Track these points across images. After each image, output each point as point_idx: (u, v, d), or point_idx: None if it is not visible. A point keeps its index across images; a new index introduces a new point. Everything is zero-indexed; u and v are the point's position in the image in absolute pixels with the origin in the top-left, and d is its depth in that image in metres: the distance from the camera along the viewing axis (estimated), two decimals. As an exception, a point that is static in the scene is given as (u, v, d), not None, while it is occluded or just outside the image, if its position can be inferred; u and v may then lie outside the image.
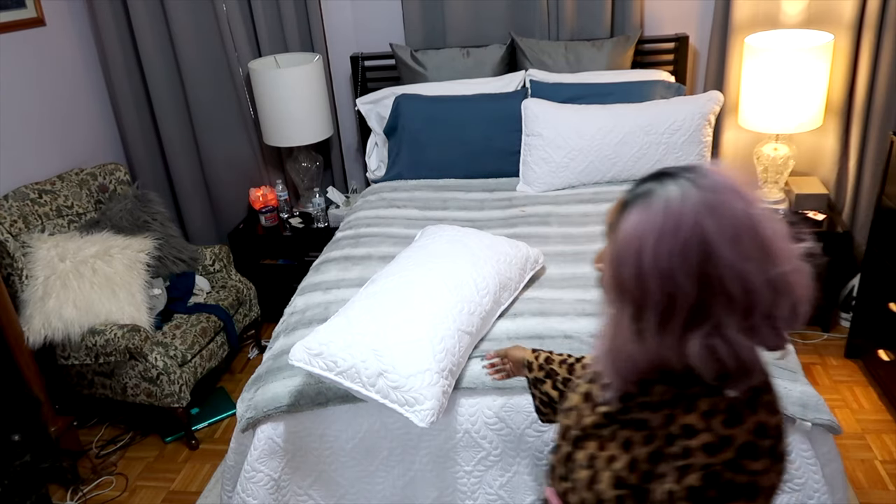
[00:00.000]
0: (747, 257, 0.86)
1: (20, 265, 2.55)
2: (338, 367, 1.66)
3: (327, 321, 1.80)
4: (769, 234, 0.88)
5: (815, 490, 1.69)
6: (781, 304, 0.89)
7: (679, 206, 0.86)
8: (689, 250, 0.85)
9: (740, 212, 0.86)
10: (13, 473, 2.22)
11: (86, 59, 3.30)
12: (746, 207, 0.87)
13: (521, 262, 2.08)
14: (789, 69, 2.72)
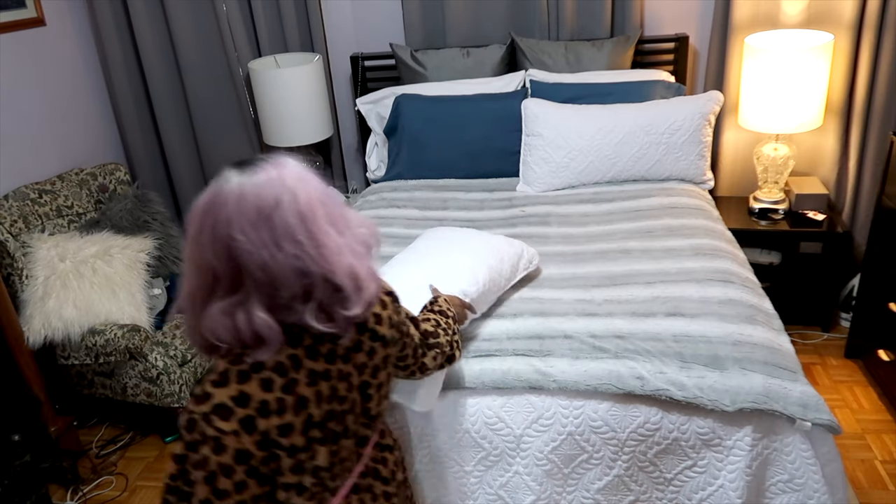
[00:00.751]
0: (264, 244, 0.99)
1: (20, 265, 2.55)
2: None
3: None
4: (296, 225, 1.00)
5: (815, 490, 1.69)
6: (319, 290, 1.03)
7: (219, 195, 1.01)
8: (217, 234, 1.00)
9: (266, 204, 1.00)
10: (13, 473, 2.22)
11: (86, 59, 3.30)
12: (279, 201, 1.00)
13: (513, 259, 2.06)
14: (789, 69, 2.72)
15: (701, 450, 1.71)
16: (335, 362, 1.13)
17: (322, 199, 1.07)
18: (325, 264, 1.03)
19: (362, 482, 1.26)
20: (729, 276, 2.08)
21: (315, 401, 1.10)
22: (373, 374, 1.20)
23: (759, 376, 1.69)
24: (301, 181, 1.05)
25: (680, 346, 1.79)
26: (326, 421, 1.13)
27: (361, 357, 1.17)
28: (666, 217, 2.49)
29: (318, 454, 1.12)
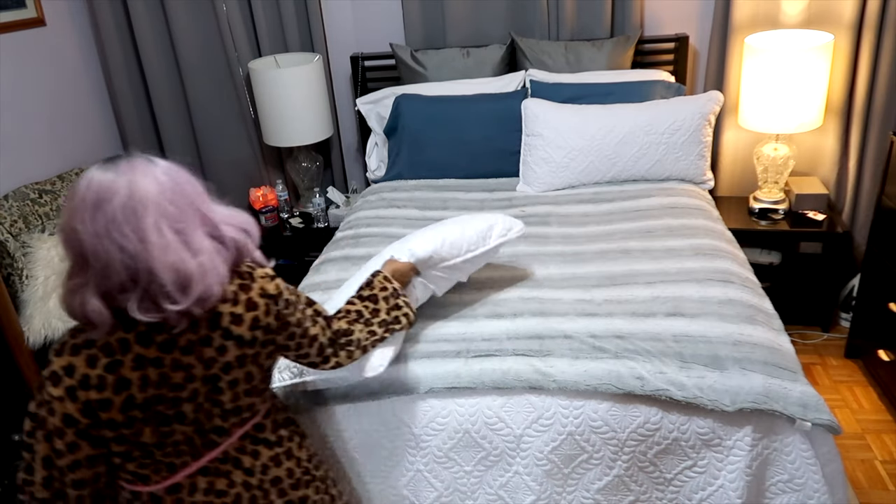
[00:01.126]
0: (97, 234, 1.12)
1: (20, 265, 2.55)
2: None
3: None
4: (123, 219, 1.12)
5: (815, 490, 1.69)
6: (143, 282, 1.13)
7: (75, 187, 1.14)
8: (67, 222, 1.15)
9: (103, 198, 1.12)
10: (13, 473, 2.22)
11: (86, 59, 3.30)
12: (114, 195, 1.12)
13: (481, 227, 1.94)
14: (789, 69, 2.72)
15: (701, 450, 1.71)
16: (172, 352, 1.21)
17: (166, 198, 1.15)
18: (147, 259, 1.13)
19: (221, 467, 1.33)
20: (729, 276, 2.08)
21: (139, 384, 1.19)
22: (224, 369, 1.25)
23: (759, 376, 1.69)
24: (147, 178, 1.15)
25: (680, 346, 1.79)
26: (153, 404, 1.21)
27: (210, 352, 1.23)
28: (666, 217, 2.49)
29: (143, 433, 1.22)
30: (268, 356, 1.33)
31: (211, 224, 1.22)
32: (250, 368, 1.29)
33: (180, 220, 1.16)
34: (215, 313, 1.23)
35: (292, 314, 1.36)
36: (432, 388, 1.74)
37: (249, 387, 1.31)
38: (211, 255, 1.19)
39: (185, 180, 1.20)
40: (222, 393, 1.27)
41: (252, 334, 1.27)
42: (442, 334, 1.92)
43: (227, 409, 1.29)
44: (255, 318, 1.28)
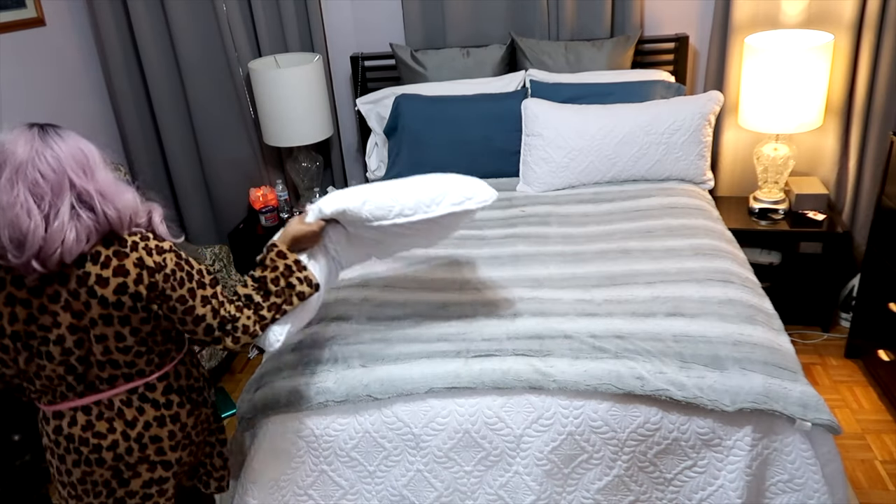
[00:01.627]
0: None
1: (20, 265, 2.55)
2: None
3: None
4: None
5: (815, 490, 1.69)
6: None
7: None
8: None
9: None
10: (13, 473, 2.22)
11: (86, 59, 3.30)
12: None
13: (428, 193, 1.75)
14: (789, 69, 2.72)
15: (701, 450, 1.71)
16: (40, 297, 1.37)
17: (34, 165, 1.30)
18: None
19: (105, 412, 1.46)
20: (729, 276, 2.09)
21: (8, 318, 1.38)
22: (90, 324, 1.39)
23: (759, 376, 1.69)
24: (22, 144, 1.30)
25: (680, 346, 1.79)
26: (23, 338, 1.40)
27: (77, 305, 1.37)
28: (666, 217, 2.49)
29: (18, 360, 1.42)
30: (141, 322, 1.42)
31: (85, 197, 1.34)
32: (119, 329, 1.41)
33: (41, 187, 1.29)
34: (85, 272, 1.36)
35: (175, 290, 1.43)
36: (432, 388, 1.74)
37: (122, 346, 1.42)
38: (67, 221, 1.31)
39: (72, 157, 1.35)
40: (91, 345, 1.41)
41: (117, 297, 1.38)
42: (442, 334, 1.92)
43: (101, 361, 1.43)
44: (123, 284, 1.38)
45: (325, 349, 1.92)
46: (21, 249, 1.29)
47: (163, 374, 1.50)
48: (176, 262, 1.44)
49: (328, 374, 1.82)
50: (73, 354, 1.40)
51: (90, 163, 1.39)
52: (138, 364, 1.46)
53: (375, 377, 1.78)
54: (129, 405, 1.47)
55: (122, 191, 1.44)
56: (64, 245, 1.31)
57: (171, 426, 1.51)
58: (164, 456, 1.51)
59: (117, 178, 1.47)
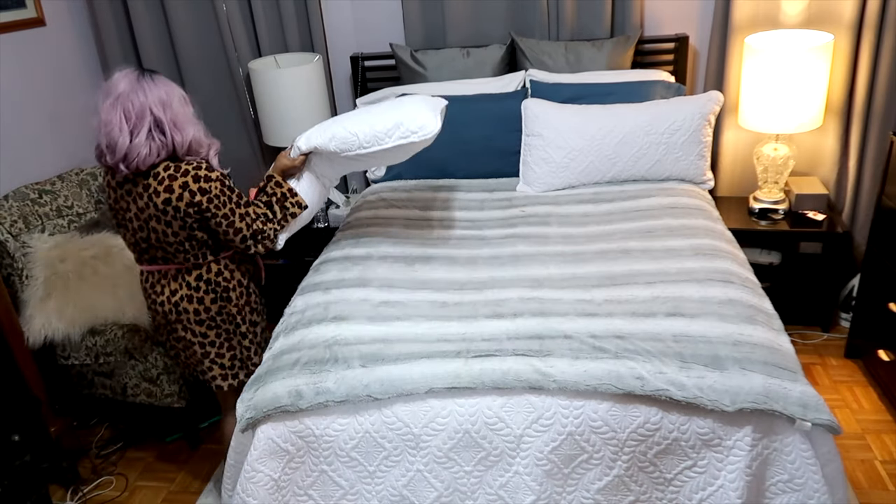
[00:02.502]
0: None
1: (20, 265, 2.55)
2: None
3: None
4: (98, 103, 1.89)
5: (815, 490, 1.69)
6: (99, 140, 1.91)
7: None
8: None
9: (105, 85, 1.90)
10: (13, 473, 2.22)
11: (86, 59, 3.30)
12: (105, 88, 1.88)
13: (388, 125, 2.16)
14: (789, 69, 2.72)
15: (701, 450, 1.71)
16: (121, 189, 1.96)
17: (128, 97, 1.83)
18: (99, 125, 1.87)
19: (161, 280, 2.06)
20: (729, 276, 2.09)
21: (106, 196, 2.06)
22: (147, 218, 1.94)
23: (759, 376, 1.69)
24: (125, 81, 1.85)
25: (680, 347, 1.79)
26: (114, 212, 2.03)
27: (140, 203, 1.93)
28: (666, 217, 2.49)
29: (116, 228, 2.11)
30: (179, 227, 1.94)
31: (160, 126, 1.86)
32: (164, 228, 1.94)
33: (131, 112, 1.83)
34: (146, 183, 1.90)
35: (219, 209, 1.94)
36: (432, 388, 1.74)
37: (167, 239, 1.96)
38: (144, 140, 1.84)
39: (157, 96, 1.86)
40: (148, 232, 1.96)
41: (163, 207, 1.90)
42: (442, 334, 1.92)
43: (155, 245, 1.99)
44: (168, 199, 1.89)
45: (325, 349, 1.92)
46: (113, 154, 1.85)
47: (197, 266, 2.04)
48: (220, 189, 1.93)
49: (328, 374, 1.82)
50: (137, 234, 1.99)
51: (169, 101, 1.88)
52: (179, 255, 2.00)
53: (375, 377, 1.78)
54: (174, 280, 2.04)
55: (191, 125, 1.92)
56: (139, 156, 1.85)
57: (196, 305, 2.05)
58: (191, 325, 2.07)
59: (191, 116, 1.94)
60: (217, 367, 2.15)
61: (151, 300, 2.10)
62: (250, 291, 2.16)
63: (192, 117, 1.94)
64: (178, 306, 2.05)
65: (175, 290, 2.04)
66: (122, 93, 1.83)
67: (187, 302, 2.05)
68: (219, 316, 2.09)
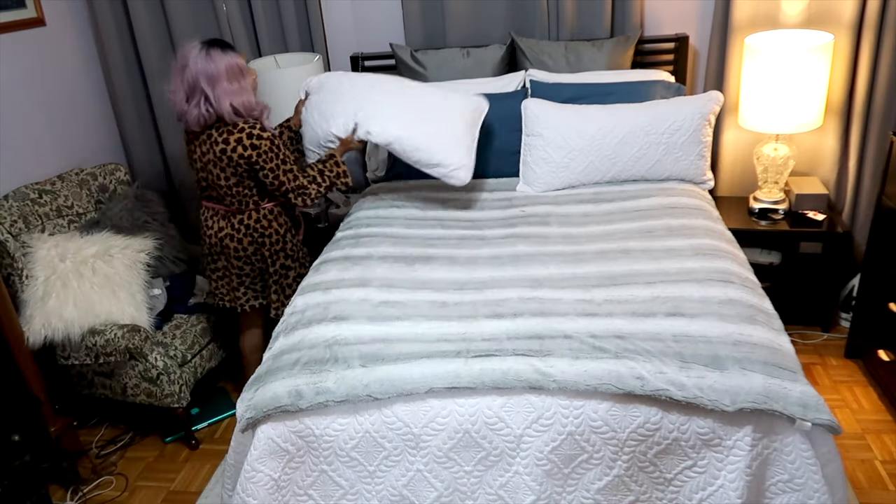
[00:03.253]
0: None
1: (20, 265, 2.55)
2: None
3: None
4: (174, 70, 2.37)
5: (815, 490, 1.69)
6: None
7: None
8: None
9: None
10: (13, 473, 2.22)
11: (86, 59, 3.30)
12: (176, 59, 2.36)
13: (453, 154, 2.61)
14: (789, 69, 2.72)
15: (701, 450, 1.71)
16: (194, 142, 2.42)
17: (187, 68, 2.29)
18: (170, 90, 2.36)
19: (213, 213, 2.52)
20: (729, 276, 2.09)
21: (186, 139, 2.48)
22: (211, 164, 2.39)
23: (759, 376, 1.69)
24: (191, 54, 2.28)
25: (680, 346, 1.79)
26: (188, 154, 2.49)
27: (204, 148, 2.39)
28: (666, 217, 2.49)
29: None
30: (231, 174, 2.38)
31: (208, 97, 2.29)
32: (219, 172, 2.39)
33: (188, 83, 2.30)
34: (209, 134, 2.36)
35: (267, 163, 2.36)
36: (432, 388, 1.74)
37: (221, 182, 2.41)
38: (194, 107, 2.31)
39: (207, 71, 2.27)
40: (207, 173, 2.43)
41: (220, 155, 2.35)
42: (442, 334, 1.92)
43: (211, 185, 2.45)
44: (223, 149, 2.34)
45: (325, 349, 1.92)
46: (179, 116, 2.36)
47: (241, 212, 2.47)
48: (269, 146, 2.35)
49: (328, 374, 1.82)
50: (199, 174, 2.46)
51: (218, 76, 2.27)
52: (227, 199, 2.45)
53: (375, 377, 1.78)
54: (222, 219, 2.49)
55: (241, 95, 2.32)
56: (189, 119, 2.34)
57: (235, 244, 2.50)
58: (230, 259, 2.53)
59: (241, 87, 2.32)
60: (250, 292, 2.59)
61: (204, 231, 2.55)
62: (286, 240, 2.56)
63: (241, 88, 2.32)
64: (223, 241, 2.50)
65: (222, 228, 2.48)
66: (184, 65, 2.28)
67: (229, 240, 2.49)
68: (254, 256, 2.52)
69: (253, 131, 2.32)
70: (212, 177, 2.40)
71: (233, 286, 2.57)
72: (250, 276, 2.56)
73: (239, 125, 2.31)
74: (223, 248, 2.51)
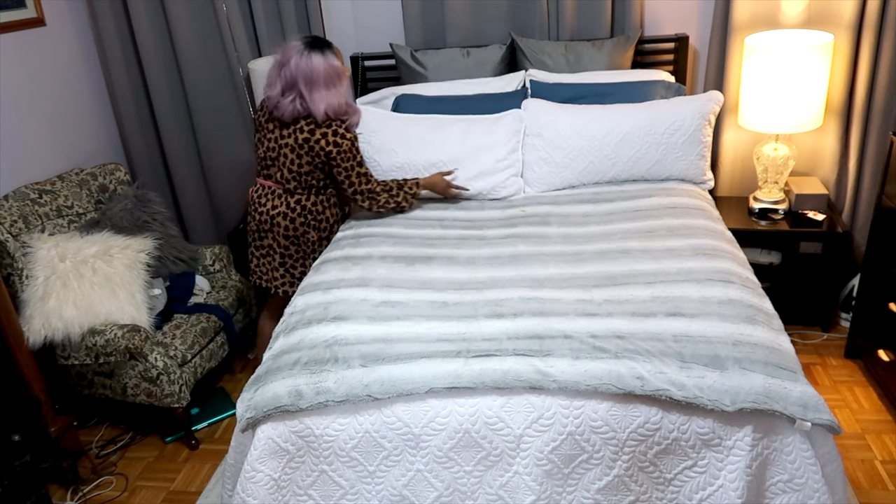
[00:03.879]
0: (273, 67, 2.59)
1: (20, 265, 2.55)
2: None
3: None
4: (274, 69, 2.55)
5: (815, 490, 1.69)
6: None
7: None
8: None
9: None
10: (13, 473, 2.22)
11: (86, 59, 3.30)
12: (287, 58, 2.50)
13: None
14: (789, 69, 2.72)
15: (701, 450, 1.71)
16: (273, 122, 2.57)
17: (285, 66, 2.46)
18: (266, 85, 2.55)
19: (268, 192, 2.64)
20: (729, 276, 2.09)
21: (265, 118, 2.60)
22: (284, 144, 2.54)
23: (759, 376, 1.69)
24: (288, 52, 2.45)
25: (680, 346, 1.79)
26: (258, 129, 2.63)
27: (288, 131, 2.53)
28: (666, 217, 2.49)
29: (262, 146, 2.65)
30: (306, 163, 2.54)
31: (303, 93, 2.44)
32: (295, 158, 2.54)
33: (285, 79, 2.46)
34: (298, 125, 2.50)
35: (344, 161, 2.53)
36: (432, 388, 1.74)
37: (292, 166, 2.56)
38: (289, 102, 2.46)
39: (304, 72, 2.43)
40: (279, 154, 2.57)
41: (303, 143, 2.51)
42: (442, 334, 1.92)
43: (278, 164, 2.59)
44: (307, 139, 2.50)
45: (325, 349, 1.92)
46: (275, 105, 2.49)
47: (300, 193, 2.61)
48: (349, 147, 2.53)
49: (328, 374, 1.82)
50: (269, 153, 2.59)
51: (316, 78, 2.44)
52: (291, 182, 2.59)
53: (376, 377, 1.78)
54: (277, 198, 2.61)
55: (335, 98, 2.48)
56: (284, 113, 2.48)
57: (287, 223, 2.62)
58: (278, 237, 2.65)
59: (338, 91, 2.49)
60: (288, 276, 2.70)
61: (254, 208, 2.66)
62: (333, 230, 2.72)
63: (336, 92, 2.48)
64: (274, 219, 2.61)
65: (276, 206, 2.60)
66: (285, 63, 2.44)
67: (281, 217, 2.61)
68: (302, 238, 2.64)
69: (339, 129, 2.48)
70: (285, 159, 2.53)
71: (273, 265, 2.68)
72: (293, 257, 2.67)
73: (328, 121, 2.48)
74: (273, 225, 2.61)
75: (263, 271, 2.72)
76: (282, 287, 2.71)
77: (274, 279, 2.70)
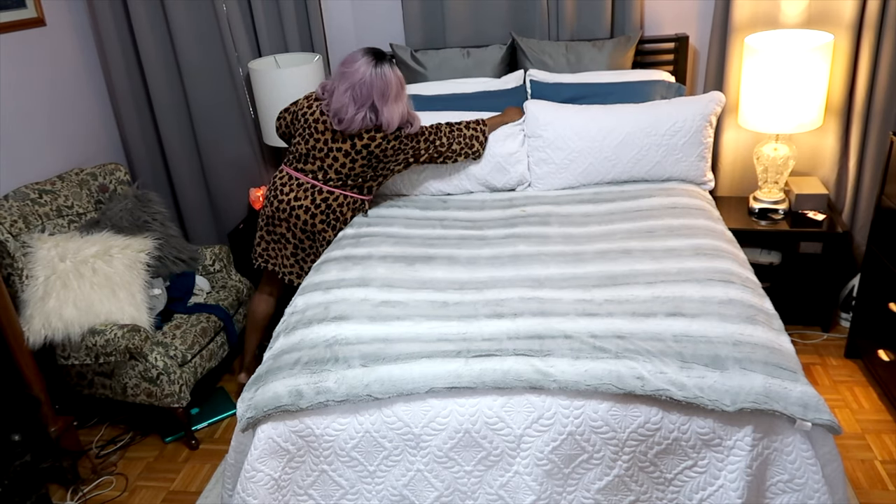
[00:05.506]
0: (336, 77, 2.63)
1: (20, 265, 2.55)
2: None
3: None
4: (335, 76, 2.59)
5: (815, 490, 1.69)
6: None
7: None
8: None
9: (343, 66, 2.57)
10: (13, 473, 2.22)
11: (86, 59, 3.30)
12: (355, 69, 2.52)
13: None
14: (789, 69, 2.72)
15: (701, 450, 1.71)
16: (348, 140, 2.57)
17: (355, 80, 2.48)
18: (334, 97, 2.54)
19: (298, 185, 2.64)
20: (729, 276, 2.09)
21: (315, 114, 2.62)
22: (336, 148, 2.57)
23: (760, 376, 1.69)
24: (355, 65, 2.49)
25: (680, 346, 1.79)
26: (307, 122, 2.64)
27: (347, 146, 2.57)
28: (666, 217, 2.49)
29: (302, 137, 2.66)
30: (362, 166, 2.59)
31: (376, 106, 2.49)
32: (344, 159, 2.58)
33: (360, 93, 2.47)
34: (360, 133, 2.55)
35: (405, 150, 2.65)
36: (432, 388, 1.74)
37: (338, 167, 2.59)
38: (361, 116, 2.49)
39: (378, 86, 2.47)
40: (326, 152, 2.59)
41: (360, 148, 2.56)
42: (442, 334, 1.92)
43: (319, 160, 2.60)
44: (366, 144, 2.56)
45: (325, 349, 1.92)
46: (339, 120, 2.51)
47: (330, 191, 2.63)
48: (415, 136, 2.65)
49: (328, 374, 1.82)
50: (312, 148, 2.60)
51: (388, 92, 2.49)
52: (329, 182, 2.61)
53: (376, 377, 1.78)
54: (303, 191, 2.62)
55: (400, 109, 2.54)
56: (353, 124, 2.51)
57: (307, 217, 2.63)
58: (295, 229, 2.65)
59: (401, 100, 2.54)
60: (297, 267, 2.72)
61: (275, 195, 2.65)
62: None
63: (403, 101, 2.55)
64: (293, 210, 2.62)
65: (299, 197, 2.61)
66: (355, 80, 2.46)
67: (303, 211, 2.61)
68: (319, 235, 2.64)
69: (391, 134, 2.57)
70: (334, 161, 2.57)
71: (285, 254, 2.70)
72: (306, 251, 2.68)
73: (391, 130, 2.55)
74: (290, 216, 2.62)
75: (271, 255, 2.72)
76: (289, 275, 2.72)
77: (283, 266, 2.71)
